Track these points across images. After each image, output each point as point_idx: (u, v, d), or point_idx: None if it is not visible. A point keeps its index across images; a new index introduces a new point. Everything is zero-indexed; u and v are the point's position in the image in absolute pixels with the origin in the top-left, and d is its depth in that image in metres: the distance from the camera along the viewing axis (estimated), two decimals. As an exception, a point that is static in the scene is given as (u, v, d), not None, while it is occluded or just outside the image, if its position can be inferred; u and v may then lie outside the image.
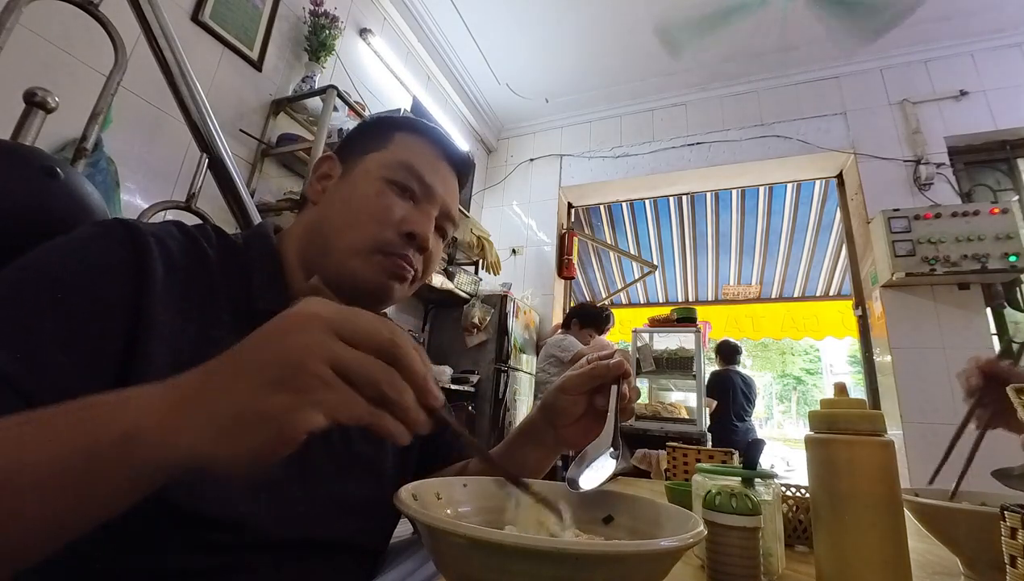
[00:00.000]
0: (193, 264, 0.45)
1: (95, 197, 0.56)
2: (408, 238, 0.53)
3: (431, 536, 0.30)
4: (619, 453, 0.44)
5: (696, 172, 3.19)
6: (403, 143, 0.57)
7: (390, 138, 0.57)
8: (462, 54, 3.15)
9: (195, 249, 0.47)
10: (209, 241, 0.49)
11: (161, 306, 0.40)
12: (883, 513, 0.41)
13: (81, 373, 0.35)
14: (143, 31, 1.06)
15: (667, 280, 5.48)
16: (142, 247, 0.41)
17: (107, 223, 0.42)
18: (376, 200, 0.53)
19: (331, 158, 0.59)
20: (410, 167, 0.54)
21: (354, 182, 0.55)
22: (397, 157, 0.55)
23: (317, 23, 2.09)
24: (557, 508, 0.38)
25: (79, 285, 0.37)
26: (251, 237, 0.55)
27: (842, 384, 0.48)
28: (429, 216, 0.55)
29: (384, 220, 0.52)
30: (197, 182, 1.21)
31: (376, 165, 0.55)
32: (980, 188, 2.59)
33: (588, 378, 0.50)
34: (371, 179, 0.54)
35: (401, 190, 0.54)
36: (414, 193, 0.55)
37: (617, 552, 0.27)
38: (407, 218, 0.53)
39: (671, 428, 2.89)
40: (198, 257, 0.46)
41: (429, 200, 0.56)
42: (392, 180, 0.54)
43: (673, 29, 2.64)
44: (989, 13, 2.56)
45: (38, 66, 1.30)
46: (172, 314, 0.41)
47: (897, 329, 2.41)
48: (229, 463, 0.26)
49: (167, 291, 0.41)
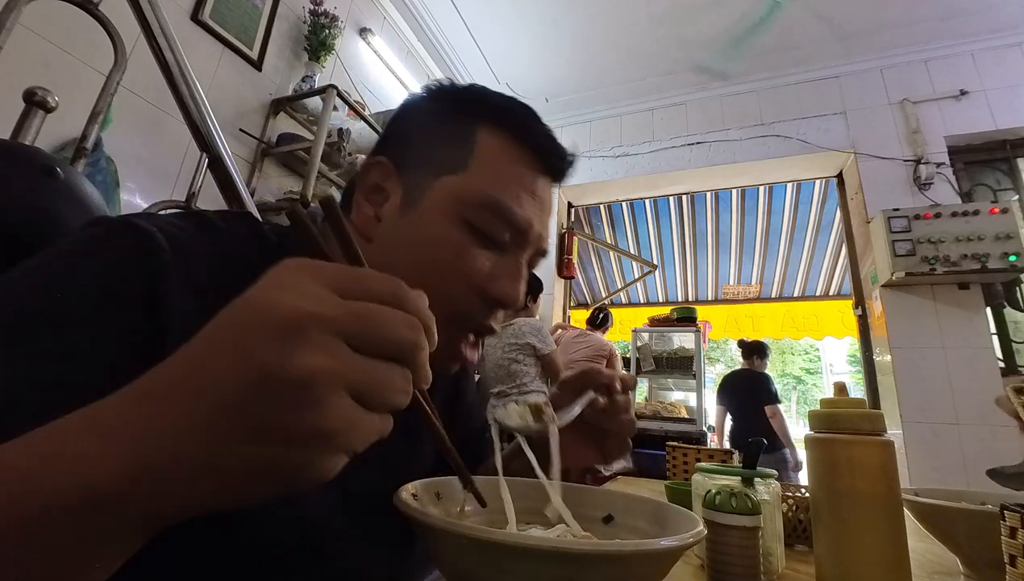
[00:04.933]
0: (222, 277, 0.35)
1: (95, 197, 0.56)
2: (494, 303, 0.43)
3: (431, 536, 0.30)
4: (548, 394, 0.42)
5: (696, 172, 3.19)
6: (489, 157, 0.43)
7: (470, 146, 0.43)
8: (462, 54, 3.15)
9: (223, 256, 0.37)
10: (240, 241, 0.39)
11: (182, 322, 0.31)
12: (883, 513, 0.41)
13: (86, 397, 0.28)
14: (143, 31, 1.06)
15: (667, 280, 5.47)
16: (158, 260, 0.32)
17: (114, 230, 0.33)
18: (456, 259, 0.41)
19: (384, 166, 0.44)
20: (498, 207, 0.41)
21: (424, 220, 0.41)
22: (482, 189, 0.41)
23: (317, 22, 2.09)
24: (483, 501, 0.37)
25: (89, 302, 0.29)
26: (289, 236, 0.43)
27: (842, 384, 0.48)
28: (520, 270, 0.44)
29: (464, 284, 0.41)
30: (197, 181, 1.21)
31: (453, 199, 0.41)
32: (980, 188, 2.59)
33: (575, 381, 0.48)
34: (446, 220, 0.41)
35: (486, 237, 0.42)
36: (503, 241, 0.42)
37: (617, 552, 0.27)
38: (494, 279, 0.42)
39: (671, 428, 2.89)
40: (229, 265, 0.36)
41: (522, 244, 0.44)
42: (475, 225, 0.41)
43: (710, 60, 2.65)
44: (989, 13, 2.55)
45: (38, 66, 1.30)
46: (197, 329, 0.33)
47: (897, 329, 2.40)
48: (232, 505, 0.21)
49: (190, 309, 0.32)
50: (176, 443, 0.19)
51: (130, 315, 0.30)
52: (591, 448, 0.49)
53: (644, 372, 3.24)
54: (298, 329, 0.19)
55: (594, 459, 0.49)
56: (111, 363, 0.29)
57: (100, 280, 0.30)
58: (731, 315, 5.59)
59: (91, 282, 0.30)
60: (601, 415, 0.47)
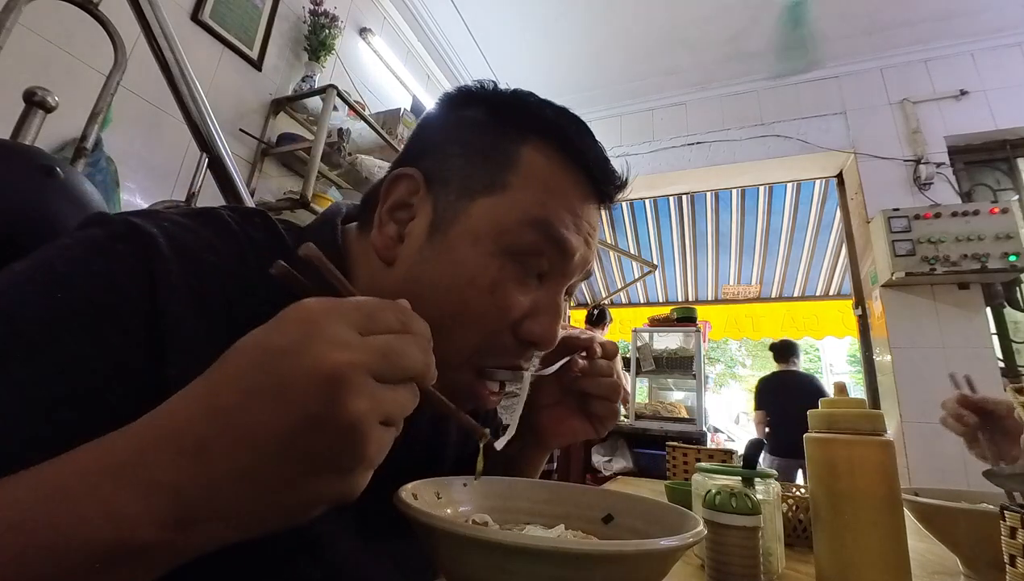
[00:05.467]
0: (230, 275, 0.33)
1: (95, 196, 0.56)
2: (527, 344, 0.38)
3: (431, 536, 0.30)
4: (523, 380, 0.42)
5: (696, 172, 3.19)
6: (535, 176, 0.38)
7: (514, 164, 0.38)
8: (462, 53, 3.15)
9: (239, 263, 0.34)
10: (257, 246, 0.36)
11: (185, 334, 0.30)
12: (883, 513, 0.41)
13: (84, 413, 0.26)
14: (143, 31, 1.06)
15: (667, 280, 5.47)
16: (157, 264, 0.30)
17: (114, 234, 0.30)
18: (489, 294, 0.36)
19: (414, 179, 0.39)
20: (547, 227, 0.37)
21: (454, 249, 0.37)
22: (527, 209, 0.37)
23: (317, 22, 2.09)
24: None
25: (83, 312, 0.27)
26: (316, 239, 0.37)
27: (842, 384, 0.48)
28: (558, 307, 0.39)
29: (497, 322, 0.37)
30: (197, 181, 1.21)
31: (491, 226, 0.36)
32: (980, 188, 2.59)
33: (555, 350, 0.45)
34: (482, 250, 0.36)
35: (525, 267, 0.37)
36: (543, 269, 0.38)
37: (617, 552, 0.27)
38: (530, 316, 0.38)
39: (671, 428, 2.89)
40: (240, 267, 0.34)
41: (565, 274, 0.39)
42: (515, 252, 0.37)
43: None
44: (989, 13, 2.55)
45: (38, 66, 1.30)
46: (203, 342, 0.30)
47: (897, 329, 2.40)
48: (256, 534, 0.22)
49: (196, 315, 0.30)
50: (220, 494, 0.20)
51: (129, 332, 0.28)
52: (579, 419, 0.49)
53: (644, 372, 3.24)
54: (340, 379, 0.21)
55: (583, 430, 0.49)
56: (107, 384, 0.27)
57: (98, 294, 0.28)
58: (731, 315, 5.59)
59: (88, 295, 0.28)
60: (582, 377, 0.46)
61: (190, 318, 0.30)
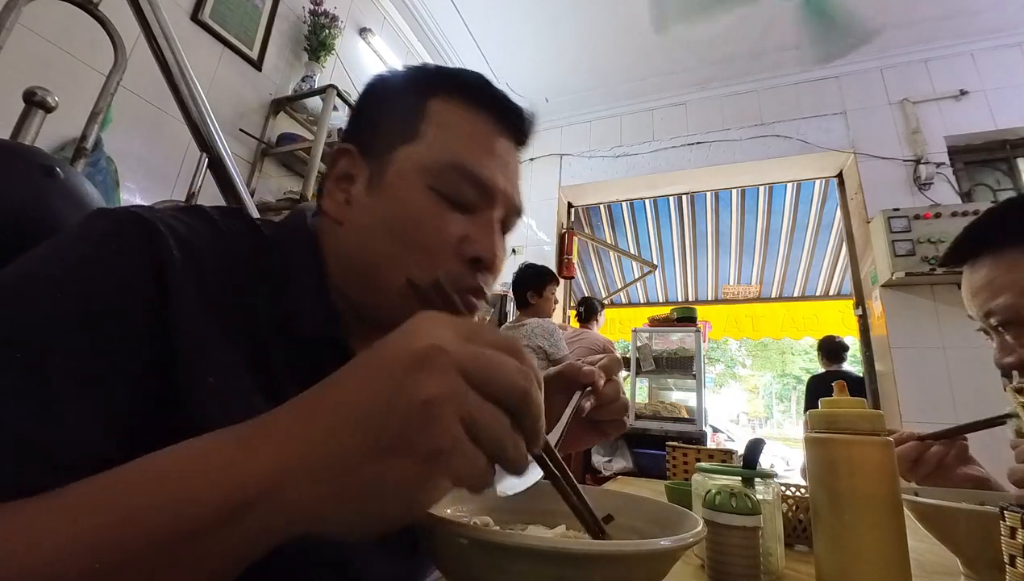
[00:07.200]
0: (225, 270, 0.37)
1: (95, 196, 0.56)
2: (474, 264, 0.42)
3: (432, 536, 0.30)
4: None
5: (696, 172, 3.19)
6: (442, 123, 0.43)
7: (423, 115, 0.43)
8: (462, 53, 3.15)
9: (225, 250, 0.38)
10: (238, 236, 0.40)
11: (193, 321, 0.33)
12: (883, 513, 0.41)
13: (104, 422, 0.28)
14: (143, 31, 1.06)
15: (667, 280, 5.48)
16: (163, 252, 0.33)
17: (119, 221, 0.33)
18: (427, 224, 0.41)
19: (350, 153, 0.45)
20: (459, 167, 0.41)
21: (389, 194, 0.42)
22: (439, 155, 0.42)
23: (317, 22, 2.09)
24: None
25: (94, 311, 0.30)
26: (286, 231, 0.44)
27: (842, 383, 0.47)
28: (492, 226, 0.43)
29: (440, 248, 0.41)
30: (197, 181, 1.21)
31: (413, 166, 0.42)
32: (980, 188, 2.60)
33: (557, 378, 0.47)
34: (411, 188, 0.41)
35: (452, 202, 0.42)
36: (470, 202, 0.42)
37: (617, 552, 0.27)
38: (469, 238, 0.41)
39: (671, 428, 2.89)
40: (230, 259, 0.38)
41: (490, 202, 0.43)
42: (439, 189, 0.41)
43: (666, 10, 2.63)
44: (989, 13, 2.55)
45: (38, 66, 1.30)
46: (207, 330, 0.34)
47: (897, 329, 2.41)
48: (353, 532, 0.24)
49: (199, 302, 0.34)
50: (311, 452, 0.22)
51: (139, 318, 0.31)
52: (590, 432, 0.49)
53: (644, 372, 3.24)
54: (425, 359, 0.22)
55: (592, 439, 0.50)
56: (124, 371, 0.30)
57: (108, 285, 0.31)
58: (731, 315, 5.59)
59: (100, 286, 0.30)
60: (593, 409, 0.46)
61: (191, 298, 0.34)
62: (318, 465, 0.22)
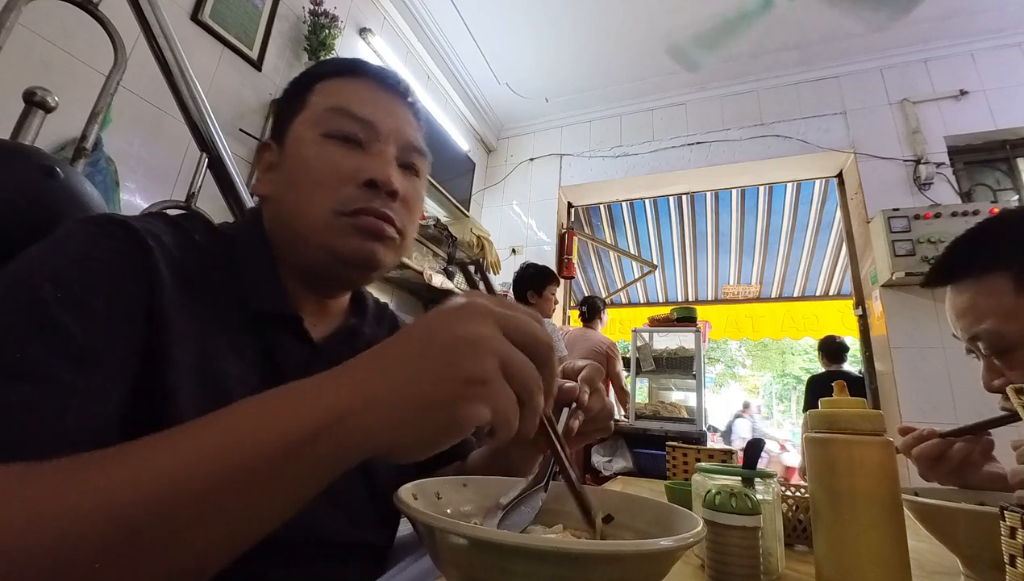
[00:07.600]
0: (191, 261, 0.43)
1: (94, 197, 0.56)
2: (370, 187, 0.47)
3: (431, 536, 0.30)
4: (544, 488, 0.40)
5: (696, 172, 3.19)
6: (325, 91, 0.51)
7: (310, 92, 0.51)
8: (462, 54, 3.15)
9: (189, 243, 0.44)
10: (198, 232, 0.46)
11: (173, 308, 0.38)
12: (883, 513, 0.41)
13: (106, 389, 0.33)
14: (143, 31, 1.06)
15: (667, 280, 5.47)
16: (144, 245, 0.39)
17: (99, 222, 0.39)
18: (318, 160, 0.47)
19: (268, 146, 0.53)
20: (342, 110, 0.48)
21: (292, 154, 0.49)
22: (323, 106, 0.49)
23: (317, 22, 2.09)
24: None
25: (97, 293, 0.34)
26: (239, 225, 0.52)
27: (842, 383, 0.47)
28: (385, 155, 0.49)
29: (334, 177, 0.47)
30: (197, 182, 1.21)
31: (305, 126, 0.49)
32: (980, 188, 2.59)
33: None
34: (306, 142, 0.48)
35: (343, 140, 0.48)
36: (358, 138, 0.48)
37: (617, 552, 0.27)
38: (360, 166, 0.47)
39: (671, 428, 2.89)
40: (195, 252, 0.44)
41: (379, 138, 0.49)
42: (328, 133, 0.48)
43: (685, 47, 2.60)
44: (989, 13, 2.55)
45: (38, 66, 1.30)
46: (183, 316, 0.39)
47: (897, 328, 2.40)
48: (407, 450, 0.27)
49: (175, 291, 0.39)
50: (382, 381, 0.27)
51: (137, 286, 0.37)
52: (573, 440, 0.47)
53: (644, 372, 3.24)
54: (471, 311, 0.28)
55: (576, 445, 0.48)
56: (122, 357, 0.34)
57: (110, 255, 0.36)
58: (731, 315, 5.59)
59: (107, 260, 0.36)
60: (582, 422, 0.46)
61: (166, 273, 0.39)
62: (386, 391, 0.27)
